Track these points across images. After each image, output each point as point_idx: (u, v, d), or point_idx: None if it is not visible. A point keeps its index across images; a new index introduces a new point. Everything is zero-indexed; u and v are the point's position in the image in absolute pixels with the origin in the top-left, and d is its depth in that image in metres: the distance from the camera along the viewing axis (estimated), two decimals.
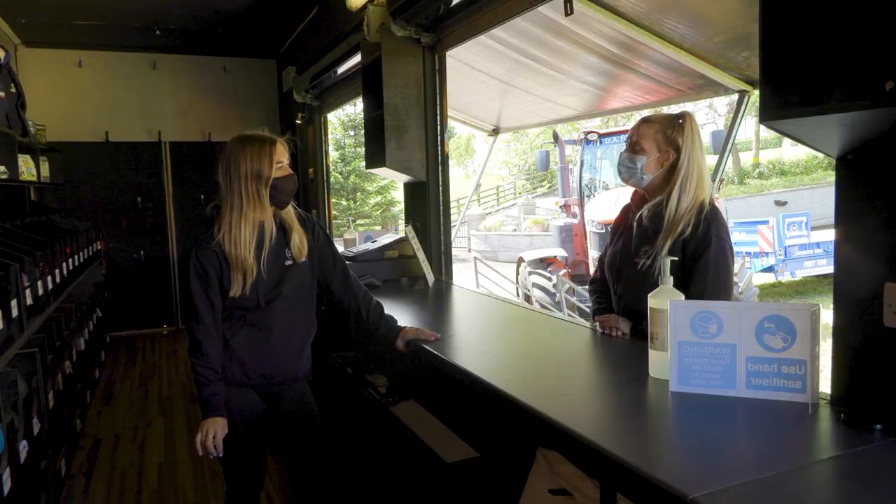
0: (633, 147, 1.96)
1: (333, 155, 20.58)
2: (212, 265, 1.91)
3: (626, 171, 1.98)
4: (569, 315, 7.21)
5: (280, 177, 1.96)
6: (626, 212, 2.12)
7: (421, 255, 3.23)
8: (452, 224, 4.26)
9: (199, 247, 1.93)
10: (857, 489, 1.06)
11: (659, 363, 1.57)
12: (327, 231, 2.24)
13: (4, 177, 3.76)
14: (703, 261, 1.83)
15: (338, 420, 3.57)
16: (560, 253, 8.97)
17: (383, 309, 2.29)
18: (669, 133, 1.92)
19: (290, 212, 2.06)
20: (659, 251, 1.86)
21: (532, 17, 3.33)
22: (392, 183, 18.92)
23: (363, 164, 4.53)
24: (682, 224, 1.86)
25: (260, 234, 1.95)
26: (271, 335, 2.02)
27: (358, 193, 21.39)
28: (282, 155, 1.99)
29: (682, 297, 1.59)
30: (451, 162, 3.66)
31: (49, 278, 3.19)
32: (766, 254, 10.89)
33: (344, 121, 21.16)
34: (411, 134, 3.43)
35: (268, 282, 1.97)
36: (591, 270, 8.75)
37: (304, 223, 2.11)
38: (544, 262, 8.66)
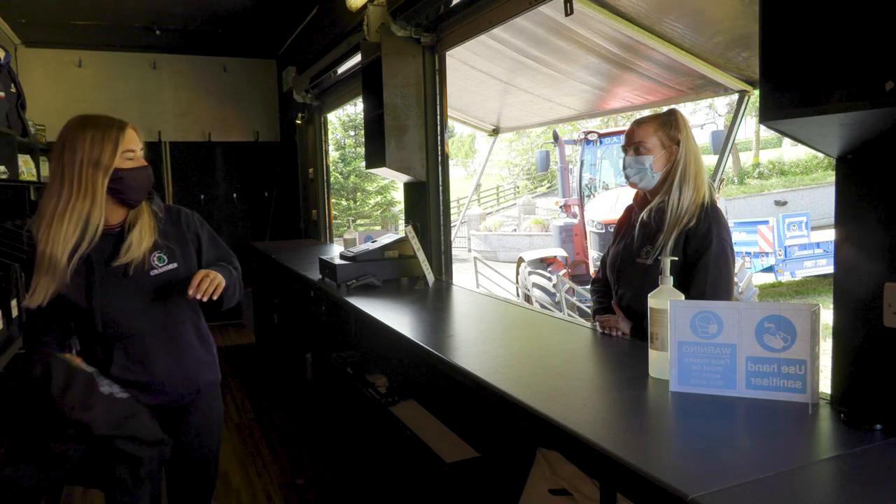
0: (637, 149, 1.97)
1: (333, 155, 20.59)
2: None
3: (636, 173, 1.97)
4: (569, 315, 7.21)
5: (129, 168, 1.69)
6: (629, 212, 2.13)
7: (421, 255, 3.23)
8: (452, 224, 4.26)
9: None
10: (857, 489, 1.06)
11: (659, 363, 1.57)
12: (209, 227, 1.95)
13: (4, 177, 3.76)
14: (704, 261, 1.84)
15: (338, 420, 3.57)
16: (560, 253, 8.98)
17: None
18: (668, 130, 1.94)
19: (142, 207, 1.78)
20: (663, 246, 1.87)
21: (532, 17, 3.34)
22: (392, 183, 18.92)
23: (363, 164, 4.53)
24: (687, 217, 1.88)
25: (81, 234, 1.66)
26: None
27: (358, 193, 21.40)
28: (133, 143, 1.72)
29: (682, 297, 1.59)
30: (453, 162, 3.67)
31: None
32: (766, 254, 10.89)
33: (344, 121, 21.17)
34: (411, 134, 3.43)
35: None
36: (591, 270, 8.76)
37: (173, 222, 1.84)
38: (544, 262, 8.67)
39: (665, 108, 2.06)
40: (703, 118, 22.53)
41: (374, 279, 3.16)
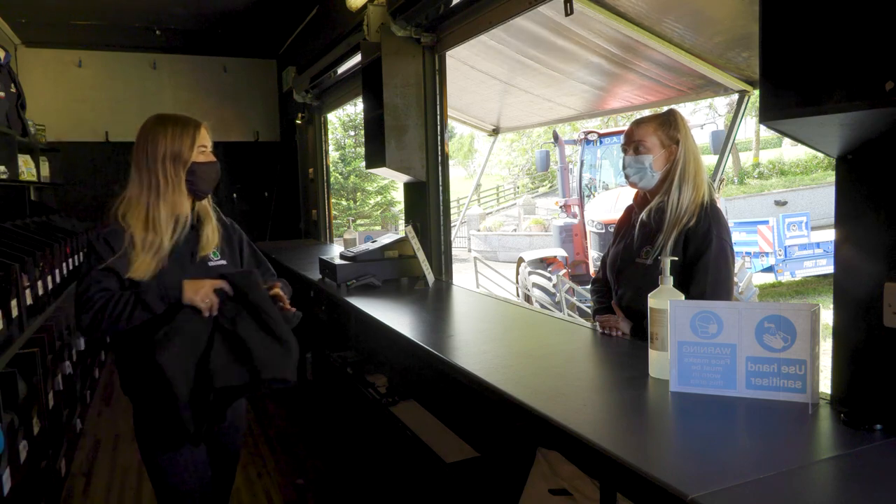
0: (637, 148, 1.97)
1: (333, 155, 20.58)
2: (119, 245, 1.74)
3: (636, 172, 1.98)
4: (569, 315, 7.21)
5: (202, 162, 1.82)
6: (629, 212, 2.13)
7: (421, 255, 3.23)
8: (452, 224, 4.26)
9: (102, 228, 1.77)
10: (857, 489, 1.06)
11: (659, 363, 1.57)
12: (251, 241, 2.08)
13: (4, 177, 3.76)
14: (703, 261, 1.84)
15: (338, 420, 3.57)
16: (560, 253, 8.98)
17: None
18: (667, 130, 1.95)
19: (206, 205, 1.91)
20: (663, 246, 1.87)
21: (532, 17, 3.33)
22: (392, 183, 18.92)
23: (363, 164, 4.53)
24: (686, 217, 1.88)
25: (175, 221, 1.79)
26: None
27: (358, 193, 21.40)
28: (206, 139, 1.86)
29: (682, 297, 1.59)
30: (453, 162, 3.67)
31: (49, 278, 3.19)
32: (766, 254, 10.89)
33: (344, 121, 21.17)
34: (411, 134, 3.43)
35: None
36: (591, 270, 8.76)
37: (224, 227, 1.97)
38: (544, 262, 8.67)
39: (665, 108, 2.06)
40: (703, 118, 22.54)
41: (374, 279, 3.16)
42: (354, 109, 19.71)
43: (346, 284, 3.14)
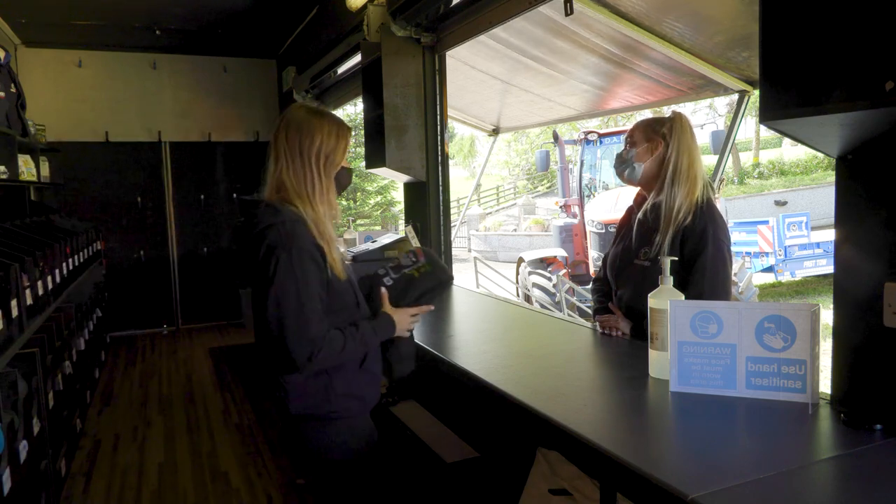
0: (626, 143, 2.05)
1: None
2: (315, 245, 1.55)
3: (620, 164, 2.05)
4: (569, 315, 7.21)
5: (346, 167, 1.69)
6: (630, 212, 2.13)
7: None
8: (452, 224, 4.26)
9: (292, 223, 1.53)
10: (857, 489, 1.06)
11: (659, 363, 1.57)
12: None
13: (4, 177, 3.76)
14: (700, 263, 1.84)
15: None
16: (560, 253, 8.97)
17: None
18: (656, 126, 1.98)
19: None
20: (661, 245, 1.87)
21: (532, 17, 3.33)
22: (392, 183, 18.92)
23: (363, 164, 4.52)
24: (682, 214, 1.89)
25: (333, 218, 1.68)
26: None
27: (358, 193, 21.38)
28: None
29: (682, 296, 1.59)
30: (453, 162, 3.67)
31: (49, 278, 3.19)
32: (766, 254, 10.88)
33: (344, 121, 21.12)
34: (411, 134, 3.43)
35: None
36: (591, 270, 8.75)
37: None
38: (544, 262, 8.66)
39: (678, 110, 2.09)
40: (703, 118, 22.53)
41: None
42: (354, 109, 19.67)
43: None
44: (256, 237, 1.54)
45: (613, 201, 8.26)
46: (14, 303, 2.45)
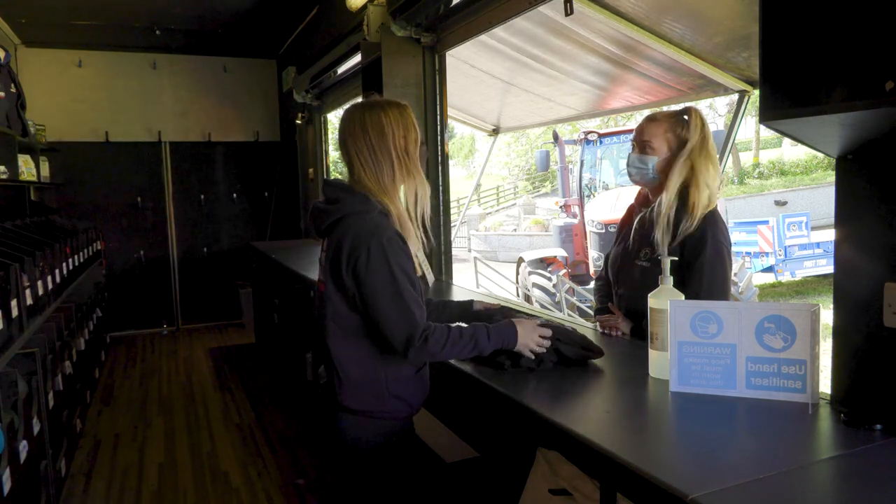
0: (643, 147, 1.92)
1: (333, 155, 20.53)
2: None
3: (637, 171, 1.95)
4: (569, 315, 7.21)
5: (421, 141, 1.66)
6: (631, 212, 2.12)
7: (421, 255, 3.22)
8: (452, 224, 4.26)
9: (384, 224, 1.54)
10: (857, 489, 1.06)
11: (659, 363, 1.57)
12: None
13: (4, 177, 3.77)
14: (699, 264, 1.82)
15: None
16: (560, 253, 8.97)
17: None
18: (679, 131, 1.88)
19: None
20: (658, 245, 1.86)
21: (532, 17, 3.33)
22: None
23: None
24: (688, 221, 1.82)
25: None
26: None
27: None
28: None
29: (682, 297, 1.59)
30: (453, 162, 3.67)
31: (49, 278, 3.19)
32: (766, 254, 10.88)
33: None
34: None
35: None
36: (591, 270, 8.75)
37: None
38: (544, 262, 8.66)
39: (683, 105, 1.96)
40: None
41: None
42: None
43: None
44: (342, 224, 1.57)
45: (613, 201, 8.26)
46: (14, 303, 2.45)
